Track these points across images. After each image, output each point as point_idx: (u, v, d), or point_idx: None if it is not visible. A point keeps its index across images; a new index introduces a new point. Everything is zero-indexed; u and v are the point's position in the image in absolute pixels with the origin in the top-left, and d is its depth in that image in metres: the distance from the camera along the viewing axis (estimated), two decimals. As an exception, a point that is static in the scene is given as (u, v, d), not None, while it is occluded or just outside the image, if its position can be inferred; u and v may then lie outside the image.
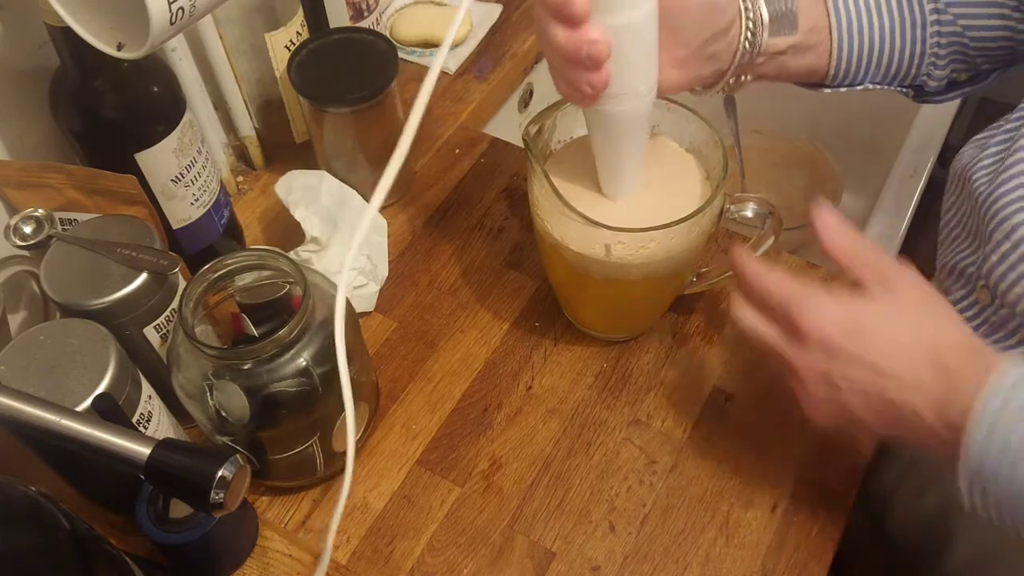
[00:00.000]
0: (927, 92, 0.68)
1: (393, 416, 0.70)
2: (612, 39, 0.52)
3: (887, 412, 0.51)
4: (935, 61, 0.65)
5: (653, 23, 0.54)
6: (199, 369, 0.57)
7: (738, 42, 0.60)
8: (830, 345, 0.52)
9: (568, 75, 0.55)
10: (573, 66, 0.54)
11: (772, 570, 0.62)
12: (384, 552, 0.64)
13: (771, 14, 0.60)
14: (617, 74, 0.54)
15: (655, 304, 0.71)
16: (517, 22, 1.00)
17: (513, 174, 0.86)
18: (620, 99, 0.57)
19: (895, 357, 0.51)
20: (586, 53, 0.52)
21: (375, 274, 0.76)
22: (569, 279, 0.69)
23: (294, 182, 0.76)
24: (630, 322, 0.73)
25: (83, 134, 0.64)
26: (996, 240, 0.55)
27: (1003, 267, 0.55)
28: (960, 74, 0.67)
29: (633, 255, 0.61)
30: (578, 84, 0.54)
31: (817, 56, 0.63)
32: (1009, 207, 0.55)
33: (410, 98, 0.91)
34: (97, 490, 0.63)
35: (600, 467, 0.67)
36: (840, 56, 0.63)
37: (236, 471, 0.46)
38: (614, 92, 0.56)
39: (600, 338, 0.73)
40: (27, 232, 0.61)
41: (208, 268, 0.58)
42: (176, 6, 0.49)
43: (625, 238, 0.60)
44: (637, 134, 0.61)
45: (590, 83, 0.54)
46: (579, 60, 0.53)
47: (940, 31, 0.64)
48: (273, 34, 0.76)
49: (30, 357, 0.56)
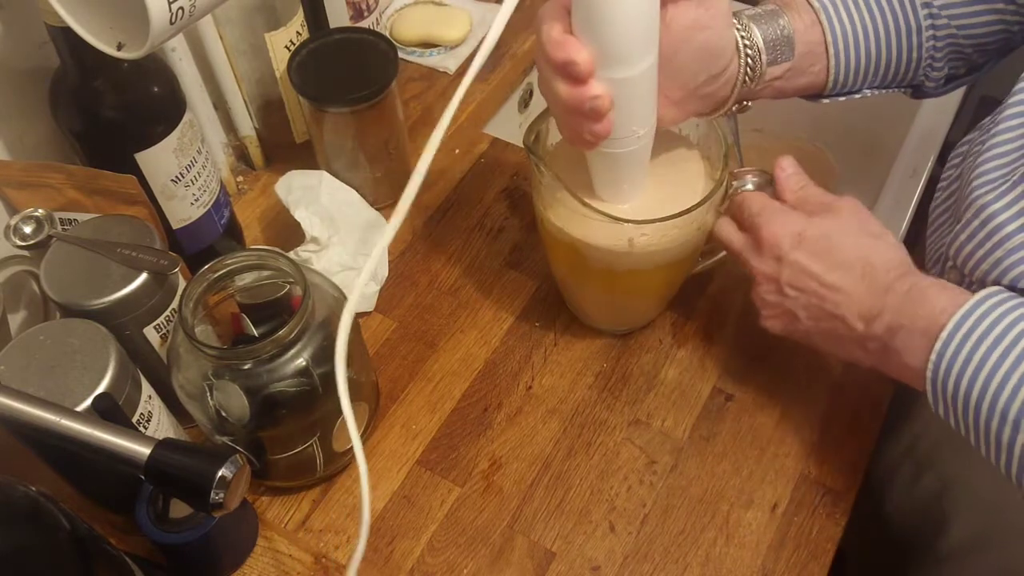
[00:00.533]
0: (925, 90, 0.68)
1: (393, 416, 0.70)
2: (614, 91, 0.53)
3: (826, 323, 0.59)
4: (932, 63, 0.65)
5: (654, 73, 0.55)
6: (199, 369, 0.57)
7: (737, 78, 0.61)
8: (780, 253, 0.59)
9: (570, 124, 0.56)
10: (575, 116, 0.55)
11: (772, 570, 0.62)
12: (384, 552, 0.64)
13: (768, 42, 0.61)
14: (618, 121, 0.55)
15: (669, 288, 0.72)
16: (517, 22, 0.99)
17: (513, 174, 0.86)
18: (620, 142, 0.58)
19: (835, 270, 0.57)
20: (588, 107, 0.53)
21: (375, 274, 0.76)
22: (581, 276, 0.69)
23: (294, 182, 0.76)
24: (639, 311, 0.74)
25: (83, 134, 0.64)
26: (966, 219, 0.57)
27: (971, 245, 0.57)
28: (958, 69, 0.67)
29: (656, 244, 0.62)
30: (580, 132, 0.56)
31: (815, 75, 0.64)
32: (983, 187, 0.57)
33: (410, 98, 0.92)
34: (97, 490, 0.63)
35: (600, 467, 0.67)
36: (838, 71, 0.64)
37: (236, 471, 0.46)
38: (615, 136, 0.56)
39: (604, 331, 0.74)
40: (27, 232, 0.61)
41: (208, 268, 0.58)
42: (176, 6, 0.49)
43: (648, 229, 0.61)
44: (636, 168, 0.62)
45: (592, 132, 0.55)
46: (581, 113, 0.54)
47: (935, 35, 0.64)
48: (273, 34, 0.76)
49: (30, 357, 0.56)
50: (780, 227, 0.60)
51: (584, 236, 0.63)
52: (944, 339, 0.52)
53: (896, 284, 0.55)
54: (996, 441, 0.51)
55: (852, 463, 0.66)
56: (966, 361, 0.51)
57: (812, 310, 0.59)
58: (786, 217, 0.60)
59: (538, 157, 0.62)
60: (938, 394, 0.53)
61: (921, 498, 0.71)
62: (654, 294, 0.72)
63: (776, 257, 0.59)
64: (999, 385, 0.50)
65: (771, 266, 0.60)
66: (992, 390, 0.50)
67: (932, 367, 0.53)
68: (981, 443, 0.52)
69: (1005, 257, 0.55)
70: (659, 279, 0.69)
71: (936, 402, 0.54)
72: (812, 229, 0.59)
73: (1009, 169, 0.57)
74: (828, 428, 0.68)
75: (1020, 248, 0.54)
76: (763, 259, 0.61)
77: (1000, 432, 0.50)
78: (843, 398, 0.69)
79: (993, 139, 0.58)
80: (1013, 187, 0.55)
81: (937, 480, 0.69)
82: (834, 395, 0.70)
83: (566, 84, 0.53)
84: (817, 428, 0.68)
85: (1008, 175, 0.56)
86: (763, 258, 0.61)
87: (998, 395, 0.50)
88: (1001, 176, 0.57)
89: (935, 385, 0.53)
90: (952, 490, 0.68)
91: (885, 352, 0.56)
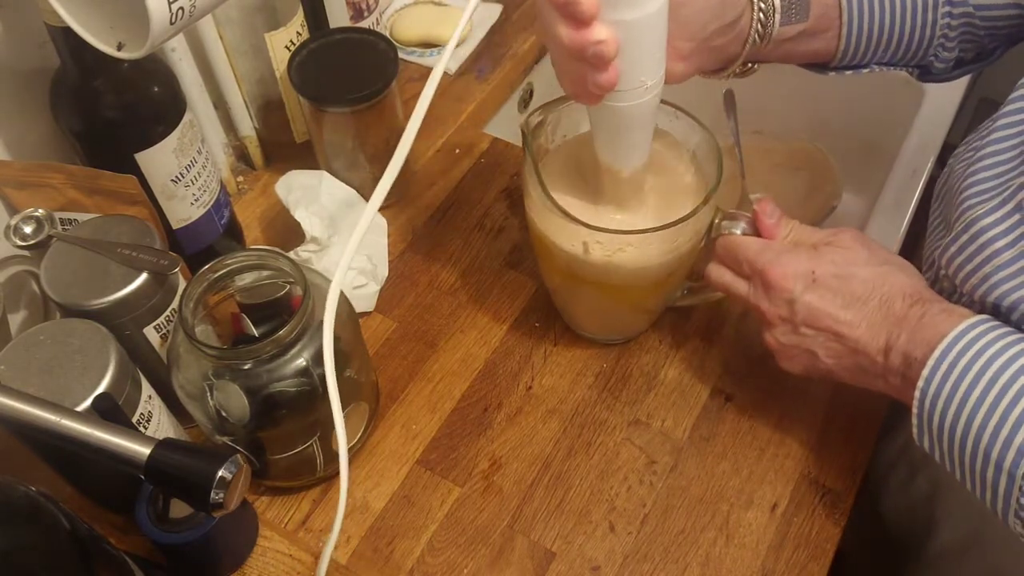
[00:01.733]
0: (932, 72, 0.67)
1: (393, 416, 0.70)
2: (621, 35, 0.49)
3: (847, 359, 0.57)
4: (944, 43, 0.64)
5: (664, 16, 0.51)
6: (199, 369, 0.57)
7: (748, 33, 0.59)
8: (792, 296, 0.57)
9: (572, 72, 0.52)
10: (578, 64, 0.51)
11: (772, 570, 0.62)
12: (384, 552, 0.64)
13: (784, 2, 0.58)
14: (625, 70, 0.51)
15: (641, 311, 0.71)
16: (517, 22, 1.00)
17: (513, 174, 0.86)
18: (627, 94, 0.54)
19: (851, 306, 0.56)
20: (592, 53, 0.49)
21: (375, 274, 0.76)
22: (561, 280, 0.69)
23: (294, 182, 0.76)
24: (621, 326, 0.73)
25: (83, 134, 0.64)
26: (956, 231, 0.57)
27: (960, 258, 0.56)
28: (967, 53, 0.66)
29: (610, 256, 0.60)
30: (583, 82, 0.52)
31: (826, 41, 0.63)
32: (972, 199, 0.56)
33: (410, 98, 0.92)
34: (97, 490, 0.63)
35: (600, 467, 0.67)
36: (849, 39, 0.63)
37: (236, 471, 0.46)
38: (621, 87, 0.52)
39: (595, 340, 0.73)
40: (27, 232, 0.61)
41: (208, 268, 0.58)
42: (176, 6, 0.49)
43: (602, 238, 0.59)
44: (643, 127, 0.58)
45: (596, 83, 0.51)
46: (584, 59, 0.50)
47: (952, 11, 0.63)
48: (273, 34, 0.76)
49: (30, 357, 0.56)
50: (788, 267, 0.58)
51: (546, 230, 0.62)
52: (926, 376, 0.51)
53: (910, 312, 0.54)
54: (981, 480, 0.50)
55: (852, 463, 0.66)
56: (949, 398, 0.50)
57: (832, 349, 0.57)
58: (792, 256, 0.58)
59: (529, 142, 0.61)
60: (923, 427, 0.52)
61: (914, 499, 0.71)
62: (624, 313, 0.71)
63: (788, 300, 0.58)
64: (981, 424, 0.49)
65: (784, 308, 0.58)
66: (975, 429, 0.49)
67: (918, 402, 0.52)
68: (967, 479, 0.51)
69: (993, 273, 0.54)
70: (622, 298, 0.67)
71: (921, 435, 0.53)
72: (823, 266, 0.57)
73: (1000, 182, 0.55)
74: (828, 428, 0.68)
75: (1009, 265, 0.53)
76: (774, 302, 0.58)
77: (984, 471, 0.49)
78: (843, 398, 0.69)
79: (986, 148, 0.57)
80: (1004, 203, 0.54)
81: (928, 483, 0.69)
82: (834, 395, 0.70)
83: (567, 26, 0.49)
84: (817, 428, 0.68)
85: (1000, 189, 0.55)
86: (774, 301, 0.58)
87: (980, 434, 0.49)
88: (992, 189, 0.56)
89: (921, 419, 0.52)
90: (942, 493, 0.68)
91: (907, 386, 0.54)
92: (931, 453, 0.53)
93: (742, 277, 0.61)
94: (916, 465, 0.71)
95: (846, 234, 0.59)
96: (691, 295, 0.71)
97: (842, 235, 0.59)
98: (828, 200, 1.13)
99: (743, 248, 0.60)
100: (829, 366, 0.58)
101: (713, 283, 0.63)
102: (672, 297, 0.70)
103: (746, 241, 0.61)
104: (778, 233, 0.61)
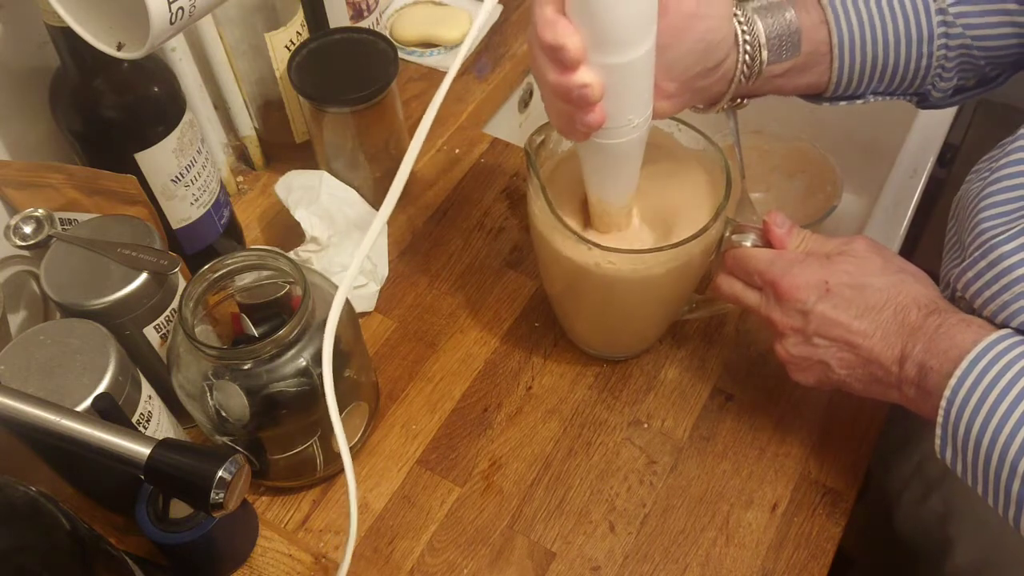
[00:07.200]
0: (931, 100, 0.66)
1: (393, 416, 0.70)
2: (607, 78, 0.50)
3: (861, 369, 0.56)
4: (941, 73, 0.63)
5: (651, 59, 0.52)
6: (199, 369, 0.57)
7: (733, 74, 0.59)
8: (806, 307, 0.56)
9: (560, 111, 0.53)
10: (565, 103, 0.52)
11: (772, 570, 0.62)
12: (384, 552, 0.64)
13: (772, 37, 0.58)
14: (612, 109, 0.52)
15: (649, 325, 0.70)
16: (517, 22, 1.00)
17: (513, 174, 0.86)
18: (614, 132, 0.55)
19: (865, 315, 0.55)
20: (577, 95, 0.50)
21: (375, 274, 0.76)
22: (565, 290, 0.68)
23: (294, 182, 0.76)
24: (624, 341, 0.72)
25: (83, 134, 0.64)
26: (973, 257, 0.55)
27: (978, 284, 0.55)
28: (968, 80, 0.65)
29: (618, 272, 0.60)
30: (571, 120, 0.53)
31: (817, 75, 0.62)
32: (986, 222, 0.55)
33: (410, 98, 0.92)
34: (97, 490, 0.63)
35: (600, 467, 0.67)
36: (841, 73, 0.62)
37: (236, 471, 0.46)
38: (608, 125, 0.53)
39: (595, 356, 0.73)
40: (27, 232, 0.61)
41: (208, 268, 0.58)
42: (176, 6, 0.49)
43: (614, 258, 0.59)
44: (631, 162, 0.59)
45: (583, 122, 0.52)
46: (570, 100, 0.51)
47: (948, 43, 0.62)
48: (273, 34, 0.76)
49: (30, 357, 0.56)
50: (800, 278, 0.57)
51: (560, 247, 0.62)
52: (953, 386, 0.50)
53: (927, 322, 0.53)
54: (1005, 493, 0.49)
55: (852, 463, 0.66)
56: (975, 410, 0.49)
57: (845, 359, 0.56)
58: (804, 267, 0.57)
59: (534, 163, 0.61)
60: (947, 440, 0.51)
61: (927, 518, 0.70)
62: (630, 326, 0.70)
63: (801, 311, 0.57)
64: (1009, 436, 0.48)
65: (797, 319, 0.57)
66: (1002, 441, 0.48)
67: (943, 413, 0.51)
68: (989, 493, 0.50)
69: (1013, 301, 0.52)
70: (630, 310, 0.67)
71: (944, 447, 0.52)
72: (836, 276, 0.56)
73: (1019, 206, 0.54)
74: (828, 428, 0.68)
75: None
76: (787, 313, 0.57)
77: (1010, 484, 0.49)
78: (843, 398, 0.69)
79: (1003, 169, 0.56)
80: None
81: (942, 503, 0.68)
82: (834, 395, 0.70)
83: (554, 69, 0.50)
84: (817, 428, 0.68)
85: (1019, 213, 0.54)
86: (786, 312, 0.57)
87: (1008, 446, 0.48)
88: (1011, 212, 0.54)
89: (945, 430, 0.51)
90: (956, 515, 0.67)
91: (922, 397, 0.53)
92: (952, 466, 0.52)
93: (753, 286, 0.60)
94: (931, 484, 0.70)
95: (860, 243, 0.58)
96: (698, 308, 0.70)
97: (855, 244, 0.58)
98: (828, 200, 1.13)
99: (754, 260, 0.59)
100: (842, 377, 0.57)
101: (724, 295, 0.62)
102: (680, 311, 0.70)
103: (757, 252, 0.60)
104: (789, 243, 0.60)
